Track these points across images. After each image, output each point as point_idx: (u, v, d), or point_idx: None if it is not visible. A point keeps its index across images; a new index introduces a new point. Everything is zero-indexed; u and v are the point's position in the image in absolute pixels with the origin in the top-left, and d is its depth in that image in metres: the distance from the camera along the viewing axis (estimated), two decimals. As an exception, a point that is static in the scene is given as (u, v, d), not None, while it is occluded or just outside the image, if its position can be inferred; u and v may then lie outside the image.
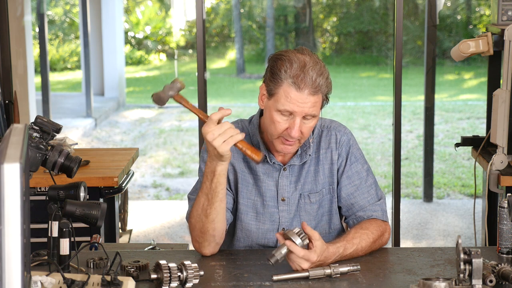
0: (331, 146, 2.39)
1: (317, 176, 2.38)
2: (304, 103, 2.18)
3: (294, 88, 2.17)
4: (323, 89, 2.20)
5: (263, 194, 2.37)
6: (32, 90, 6.79)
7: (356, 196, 2.38)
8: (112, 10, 11.81)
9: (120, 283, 1.95)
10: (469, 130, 9.74)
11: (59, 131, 2.21)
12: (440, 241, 5.41)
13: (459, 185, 7.07)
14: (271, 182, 2.37)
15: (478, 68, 13.59)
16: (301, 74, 2.17)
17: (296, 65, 2.18)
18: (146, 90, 13.68)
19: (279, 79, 2.19)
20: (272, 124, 2.24)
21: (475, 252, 1.90)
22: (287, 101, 2.18)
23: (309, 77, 2.17)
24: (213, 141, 2.08)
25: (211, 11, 15.24)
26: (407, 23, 13.02)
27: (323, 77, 2.19)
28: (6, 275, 1.37)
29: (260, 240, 2.40)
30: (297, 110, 2.19)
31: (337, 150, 2.39)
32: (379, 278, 2.09)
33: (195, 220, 2.24)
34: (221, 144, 2.08)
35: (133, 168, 3.87)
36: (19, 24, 5.97)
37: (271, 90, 2.22)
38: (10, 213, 1.37)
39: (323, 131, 2.40)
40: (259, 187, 2.37)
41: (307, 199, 2.38)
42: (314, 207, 2.38)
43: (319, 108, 2.24)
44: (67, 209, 2.06)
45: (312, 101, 2.19)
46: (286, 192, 2.37)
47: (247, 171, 2.38)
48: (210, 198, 2.20)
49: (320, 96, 2.21)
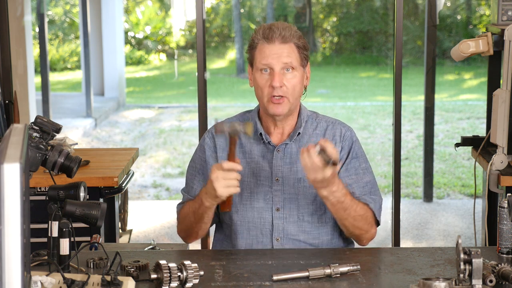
0: (335, 139, 2.47)
1: None
2: (277, 53, 2.35)
3: (266, 43, 2.36)
4: (292, 38, 2.37)
5: (257, 174, 2.44)
6: (32, 90, 6.79)
7: (353, 187, 2.43)
8: (112, 10, 11.81)
9: (120, 283, 1.95)
10: (469, 130, 9.74)
11: (59, 131, 2.21)
12: (440, 241, 5.41)
13: (459, 185, 7.07)
14: (265, 163, 2.44)
15: (478, 68, 13.60)
16: (268, 30, 2.37)
17: (264, 26, 2.40)
18: (146, 90, 13.69)
19: (254, 44, 2.40)
20: (259, 87, 2.39)
21: (475, 252, 1.90)
22: (263, 56, 2.36)
23: (276, 29, 2.36)
24: (216, 182, 2.22)
25: (211, 11, 15.25)
26: (407, 23, 13.03)
27: (290, 29, 2.38)
28: (6, 275, 1.37)
29: (255, 220, 2.43)
30: (273, 61, 2.35)
31: (341, 143, 2.47)
32: (379, 278, 2.09)
33: (183, 218, 2.48)
34: (221, 188, 2.22)
35: (133, 168, 3.87)
36: (19, 24, 5.97)
37: (251, 59, 2.42)
38: (10, 213, 1.37)
39: (328, 125, 2.49)
40: (253, 168, 2.45)
41: (305, 182, 2.42)
42: (312, 192, 2.42)
43: (297, 60, 2.38)
44: (67, 209, 2.06)
45: (285, 50, 2.35)
46: (280, 172, 2.43)
47: (241, 156, 2.46)
48: (196, 217, 2.39)
49: (292, 46, 2.37)
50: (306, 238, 2.44)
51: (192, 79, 13.88)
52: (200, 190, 2.39)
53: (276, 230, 2.44)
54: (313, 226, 2.43)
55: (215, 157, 2.48)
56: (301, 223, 2.43)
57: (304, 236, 2.44)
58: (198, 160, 2.52)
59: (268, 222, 2.44)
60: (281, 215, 2.43)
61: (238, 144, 2.45)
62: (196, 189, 2.50)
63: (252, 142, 2.46)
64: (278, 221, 2.43)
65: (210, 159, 2.49)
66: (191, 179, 2.53)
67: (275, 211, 2.43)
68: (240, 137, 2.45)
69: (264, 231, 2.44)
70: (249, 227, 2.44)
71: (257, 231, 2.45)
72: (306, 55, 2.42)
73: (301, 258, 2.25)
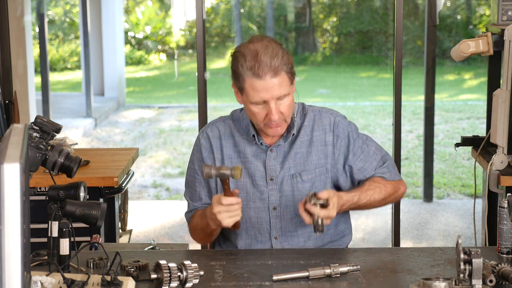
0: (325, 128, 2.46)
1: (309, 157, 2.45)
2: (270, 87, 2.27)
3: (255, 79, 2.26)
4: (282, 67, 2.27)
5: (252, 175, 2.44)
6: (32, 90, 6.79)
7: (366, 168, 2.48)
8: (112, 10, 11.81)
9: (120, 283, 1.95)
10: (469, 130, 9.74)
11: (59, 131, 2.21)
12: (440, 241, 5.41)
13: (459, 185, 7.07)
14: (259, 163, 2.44)
15: (478, 68, 13.59)
16: (256, 64, 2.26)
17: (249, 57, 2.27)
18: (146, 90, 13.68)
19: (240, 76, 2.30)
20: (253, 115, 2.35)
21: (475, 252, 1.90)
22: (255, 92, 2.28)
23: (264, 63, 2.25)
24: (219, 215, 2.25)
25: (211, 11, 15.25)
26: (407, 23, 13.03)
27: (278, 58, 2.27)
28: (6, 275, 1.37)
29: (253, 220, 2.44)
30: (267, 96, 2.28)
31: (332, 132, 2.46)
32: (379, 278, 2.09)
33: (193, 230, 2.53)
34: (226, 219, 2.25)
35: (133, 168, 3.87)
36: (19, 24, 5.97)
37: (239, 88, 2.33)
38: (10, 213, 1.37)
39: (315, 115, 2.48)
40: (248, 169, 2.45)
41: (298, 177, 2.44)
42: (306, 186, 2.43)
43: (289, 85, 2.32)
44: (67, 209, 2.06)
45: (277, 82, 2.27)
46: (274, 171, 2.44)
47: (235, 156, 2.46)
48: (206, 233, 2.44)
49: (282, 75, 2.28)
50: (304, 232, 2.45)
51: (192, 79, 13.88)
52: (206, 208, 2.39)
53: (274, 228, 2.44)
54: None
55: (212, 158, 2.48)
56: (298, 219, 2.43)
57: (302, 231, 2.45)
58: (196, 161, 2.51)
59: (265, 221, 2.44)
60: (278, 213, 2.44)
61: (231, 143, 2.47)
62: (199, 191, 2.51)
63: (245, 142, 2.46)
64: (275, 220, 2.44)
65: (207, 160, 2.48)
66: (193, 182, 2.53)
67: (272, 210, 2.44)
68: (234, 136, 2.46)
69: (262, 231, 2.45)
70: (247, 228, 2.45)
71: (255, 231, 2.45)
72: (293, 72, 2.34)
73: (301, 258, 2.25)
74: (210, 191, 2.50)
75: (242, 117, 2.48)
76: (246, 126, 2.46)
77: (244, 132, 2.46)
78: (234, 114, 2.53)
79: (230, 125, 2.49)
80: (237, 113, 2.52)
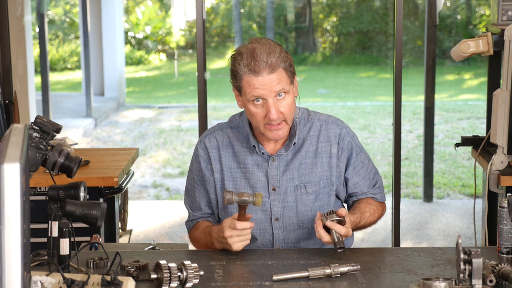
0: (330, 140, 2.44)
1: (314, 168, 2.42)
2: (267, 83, 2.25)
3: (252, 75, 2.26)
4: (279, 63, 2.26)
5: (253, 185, 2.41)
6: (32, 90, 6.79)
7: (361, 184, 2.49)
8: (112, 10, 11.80)
9: (120, 283, 1.95)
10: (469, 130, 9.73)
11: (59, 131, 2.21)
12: (440, 241, 5.41)
13: (459, 185, 7.07)
14: (261, 173, 2.41)
15: (478, 68, 13.59)
16: (252, 60, 2.25)
17: (246, 55, 2.27)
18: (146, 90, 13.68)
19: (238, 74, 2.29)
20: (252, 116, 2.32)
21: (475, 252, 1.90)
22: (252, 88, 2.26)
23: (260, 59, 2.24)
24: (230, 239, 2.24)
25: (211, 11, 15.24)
26: (407, 23, 13.02)
27: (274, 54, 2.26)
28: (6, 275, 1.37)
29: (255, 232, 2.43)
30: (264, 92, 2.26)
31: (337, 144, 2.44)
32: (379, 278, 2.09)
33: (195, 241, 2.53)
34: (236, 244, 2.25)
35: (133, 168, 3.87)
36: (19, 24, 5.97)
37: (238, 87, 2.32)
38: (10, 213, 1.37)
39: (322, 125, 2.45)
40: (249, 179, 2.42)
41: (303, 189, 2.41)
42: (310, 198, 2.41)
43: (288, 83, 2.29)
44: (67, 209, 2.06)
45: (274, 78, 2.25)
46: (277, 181, 2.41)
47: (235, 166, 2.43)
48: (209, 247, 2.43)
49: (280, 71, 2.27)
50: (307, 244, 2.44)
51: (192, 79, 13.88)
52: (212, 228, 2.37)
53: (276, 240, 2.43)
54: (313, 232, 2.42)
55: (211, 169, 2.46)
56: (302, 230, 2.42)
57: (305, 242, 2.44)
58: (195, 171, 2.50)
59: (268, 233, 2.43)
60: (280, 224, 2.42)
61: (230, 153, 2.44)
62: (199, 201, 2.50)
63: (245, 151, 2.42)
64: (278, 231, 2.42)
65: (206, 171, 2.46)
66: (192, 191, 2.52)
67: (274, 221, 2.42)
68: (233, 146, 2.43)
69: (265, 242, 2.43)
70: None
71: (258, 243, 2.44)
72: (292, 71, 2.33)
73: (301, 258, 2.25)
74: (210, 201, 2.49)
75: (242, 124, 2.45)
76: (246, 134, 2.42)
77: (244, 140, 2.43)
78: (233, 120, 2.49)
79: (228, 134, 2.45)
80: (236, 118, 2.48)
